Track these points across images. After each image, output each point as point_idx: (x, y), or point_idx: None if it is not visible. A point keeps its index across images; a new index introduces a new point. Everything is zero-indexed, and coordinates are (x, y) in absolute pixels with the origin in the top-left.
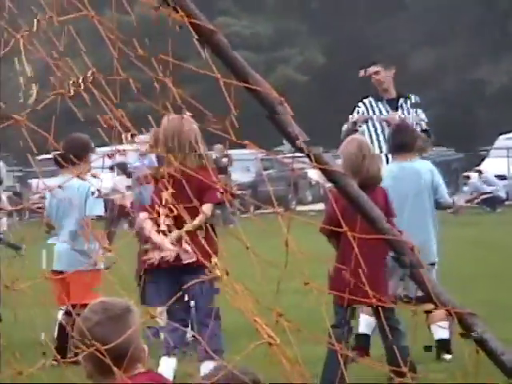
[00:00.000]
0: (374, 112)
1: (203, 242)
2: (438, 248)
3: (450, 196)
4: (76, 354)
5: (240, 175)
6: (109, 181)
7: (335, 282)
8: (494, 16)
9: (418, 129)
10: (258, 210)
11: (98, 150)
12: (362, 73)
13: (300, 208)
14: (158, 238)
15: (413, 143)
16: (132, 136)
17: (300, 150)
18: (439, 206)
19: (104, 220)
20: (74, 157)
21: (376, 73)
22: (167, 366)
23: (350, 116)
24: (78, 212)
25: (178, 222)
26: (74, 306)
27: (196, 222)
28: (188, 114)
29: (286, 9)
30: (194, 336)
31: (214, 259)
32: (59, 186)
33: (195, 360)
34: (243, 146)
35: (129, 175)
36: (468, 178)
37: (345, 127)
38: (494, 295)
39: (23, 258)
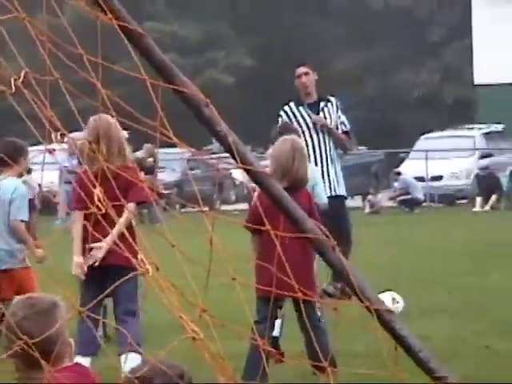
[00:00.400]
0: (296, 118)
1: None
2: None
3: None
4: (7, 349)
5: (166, 175)
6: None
7: (259, 278)
8: (415, 23)
9: (340, 130)
10: (183, 209)
11: (36, 147)
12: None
13: (224, 207)
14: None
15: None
16: (62, 135)
17: (228, 149)
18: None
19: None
20: (9, 159)
21: (305, 74)
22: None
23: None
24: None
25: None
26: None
27: (122, 220)
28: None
29: (214, 12)
30: (116, 329)
31: (141, 256)
32: None
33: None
34: (170, 146)
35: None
36: (399, 174)
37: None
38: (410, 292)
39: None
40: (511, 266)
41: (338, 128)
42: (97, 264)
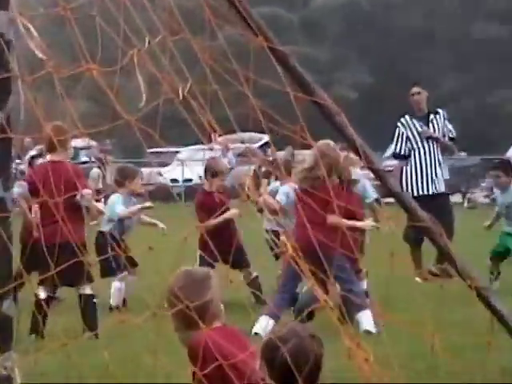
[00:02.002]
0: (410, 128)
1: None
2: None
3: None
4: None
5: None
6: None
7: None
8: None
9: (447, 137)
10: None
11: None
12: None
13: None
14: None
15: None
16: (219, 136)
17: (355, 150)
18: None
19: None
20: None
21: (418, 93)
22: None
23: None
24: None
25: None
26: None
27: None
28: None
29: (342, 39)
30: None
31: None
32: None
33: None
34: (306, 147)
35: None
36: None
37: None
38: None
39: None
40: None
41: (445, 135)
42: None
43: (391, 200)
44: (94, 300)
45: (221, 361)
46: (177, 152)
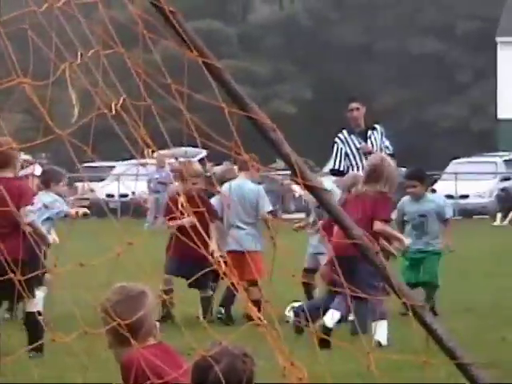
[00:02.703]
0: (348, 144)
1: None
2: None
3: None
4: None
5: None
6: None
7: None
8: None
9: (385, 154)
10: None
11: (128, 162)
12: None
13: (285, 216)
14: None
15: None
16: (152, 152)
17: (290, 167)
18: None
19: None
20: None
21: (357, 109)
22: None
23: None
24: None
25: None
26: None
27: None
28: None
29: (281, 53)
30: None
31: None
32: None
33: None
34: None
35: None
36: (434, 191)
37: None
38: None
39: None
40: None
41: (382, 151)
42: None
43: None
44: (37, 317)
45: (153, 380)
46: (112, 167)
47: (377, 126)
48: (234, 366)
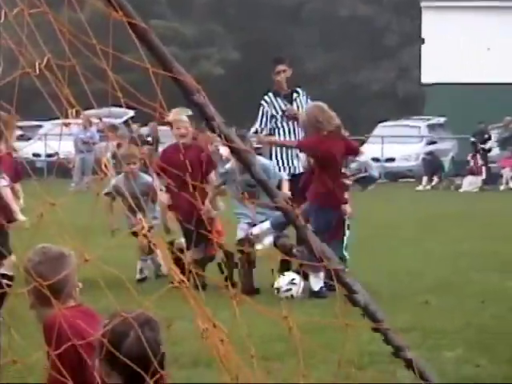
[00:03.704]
0: (274, 106)
1: None
2: None
3: None
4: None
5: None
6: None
7: None
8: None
9: None
10: None
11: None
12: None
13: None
14: None
15: None
16: (77, 112)
17: (213, 129)
18: None
19: None
20: None
21: (283, 71)
22: None
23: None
24: None
25: None
26: None
27: None
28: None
29: (209, 13)
30: None
31: None
32: None
33: None
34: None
35: None
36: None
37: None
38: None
39: None
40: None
41: None
42: None
43: None
44: None
45: (74, 341)
46: (39, 126)
47: (299, 89)
48: (144, 337)
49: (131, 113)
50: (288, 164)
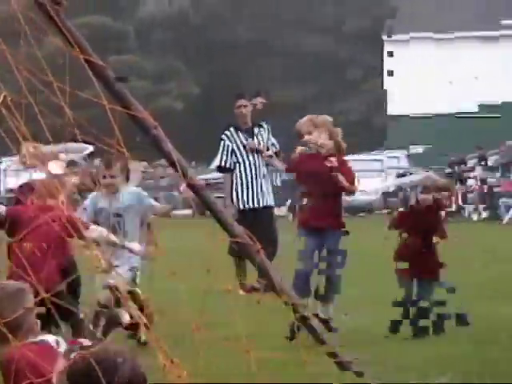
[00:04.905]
0: (235, 141)
1: None
2: None
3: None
4: None
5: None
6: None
7: None
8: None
9: (272, 151)
10: None
11: None
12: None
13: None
14: None
15: None
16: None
17: (171, 164)
18: None
19: None
20: None
21: (244, 106)
22: None
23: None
24: None
25: None
26: None
27: None
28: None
29: (170, 49)
30: None
31: None
32: None
33: None
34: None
35: None
36: None
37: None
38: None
39: None
40: None
41: (268, 149)
42: None
43: None
44: None
45: (32, 378)
46: None
47: (263, 123)
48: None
49: (91, 148)
50: (248, 197)
